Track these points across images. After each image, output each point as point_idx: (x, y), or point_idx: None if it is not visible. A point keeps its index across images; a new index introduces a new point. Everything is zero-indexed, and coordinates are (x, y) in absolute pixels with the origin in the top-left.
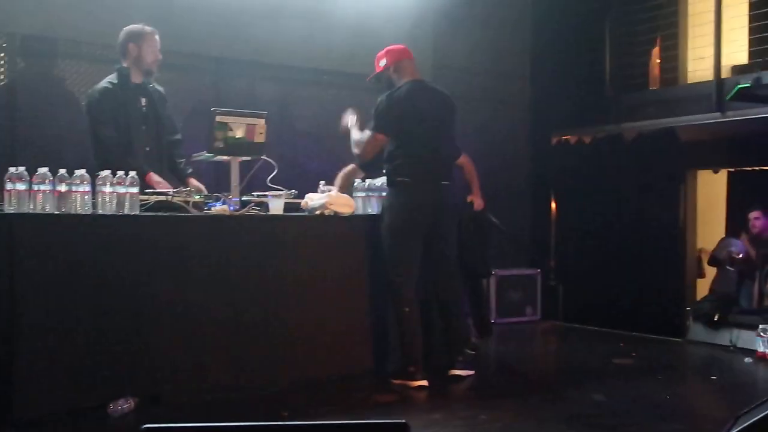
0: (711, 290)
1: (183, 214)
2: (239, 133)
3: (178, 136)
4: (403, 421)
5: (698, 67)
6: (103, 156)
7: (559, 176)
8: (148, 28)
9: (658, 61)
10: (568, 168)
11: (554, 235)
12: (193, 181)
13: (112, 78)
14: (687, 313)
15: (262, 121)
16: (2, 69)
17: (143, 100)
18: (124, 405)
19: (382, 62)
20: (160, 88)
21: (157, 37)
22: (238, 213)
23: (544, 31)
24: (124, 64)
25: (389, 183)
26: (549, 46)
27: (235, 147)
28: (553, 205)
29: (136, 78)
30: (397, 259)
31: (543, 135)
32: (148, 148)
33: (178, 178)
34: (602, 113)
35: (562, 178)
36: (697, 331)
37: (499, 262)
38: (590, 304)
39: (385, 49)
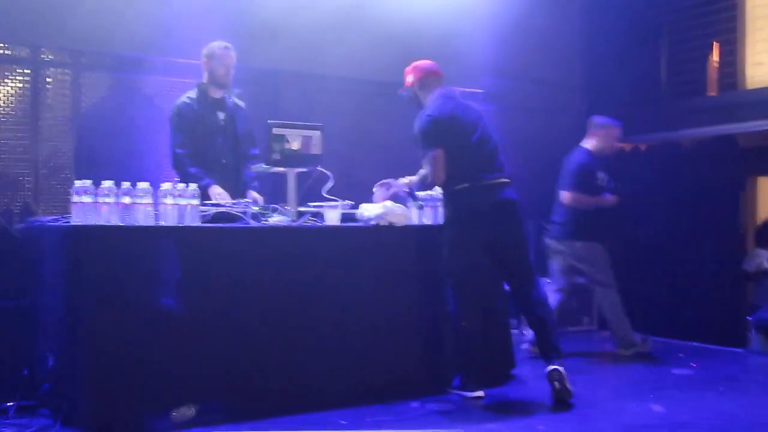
0: (751, 305)
1: (242, 225)
2: (295, 145)
3: (256, 151)
4: (460, 431)
5: (757, 72)
6: (174, 166)
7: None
8: (222, 44)
9: (716, 66)
10: (624, 176)
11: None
12: (252, 193)
13: (192, 93)
14: (748, 323)
15: (318, 133)
16: (68, 85)
17: (221, 114)
18: (186, 412)
19: (409, 78)
20: (242, 104)
21: (231, 53)
22: (295, 224)
23: (597, 38)
24: (204, 80)
25: (447, 195)
26: (603, 52)
27: (291, 159)
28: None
29: (215, 93)
30: (457, 271)
31: None
32: (224, 161)
33: (243, 190)
34: (658, 120)
35: (618, 186)
36: (759, 342)
37: None
38: (648, 313)
39: (412, 65)
